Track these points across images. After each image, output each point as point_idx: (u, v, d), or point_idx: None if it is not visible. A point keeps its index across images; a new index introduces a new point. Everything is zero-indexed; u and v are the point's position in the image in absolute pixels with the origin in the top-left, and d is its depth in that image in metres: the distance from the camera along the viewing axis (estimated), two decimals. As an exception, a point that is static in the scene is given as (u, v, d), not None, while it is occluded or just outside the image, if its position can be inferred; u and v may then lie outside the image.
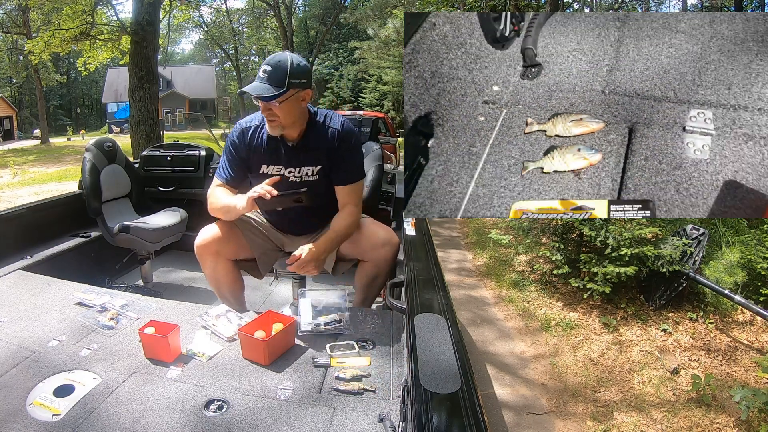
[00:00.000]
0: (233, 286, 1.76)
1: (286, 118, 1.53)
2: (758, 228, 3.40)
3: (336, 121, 1.65)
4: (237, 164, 1.66)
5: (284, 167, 1.64)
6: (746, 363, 2.56)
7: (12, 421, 0.98)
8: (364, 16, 23.40)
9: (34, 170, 11.90)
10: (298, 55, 1.54)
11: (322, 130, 1.62)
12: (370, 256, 1.69)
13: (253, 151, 1.65)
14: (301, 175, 1.65)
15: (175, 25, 19.19)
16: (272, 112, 1.51)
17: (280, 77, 1.46)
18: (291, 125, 1.57)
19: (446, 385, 0.83)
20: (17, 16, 18.51)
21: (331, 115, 1.67)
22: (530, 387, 2.44)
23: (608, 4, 21.00)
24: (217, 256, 1.66)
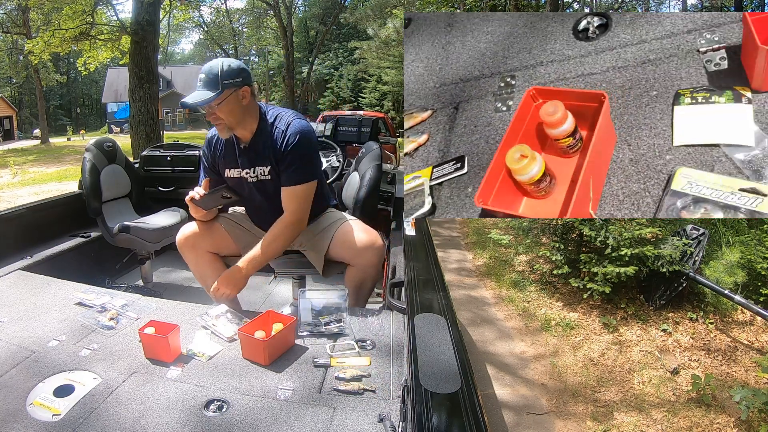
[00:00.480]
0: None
1: (229, 119, 1.56)
2: (758, 228, 3.40)
3: (284, 120, 1.63)
4: (209, 172, 1.77)
5: (241, 169, 1.70)
6: (746, 363, 2.56)
7: (12, 421, 0.98)
8: (364, 16, 23.38)
9: (34, 170, 11.90)
10: (232, 59, 1.60)
11: (270, 129, 1.63)
12: (356, 261, 1.68)
13: (218, 158, 1.74)
14: (256, 175, 1.69)
15: (175, 25, 19.22)
16: (216, 116, 1.55)
17: (213, 80, 1.51)
18: (237, 125, 1.60)
19: (446, 385, 0.83)
20: (17, 16, 18.51)
21: (282, 115, 1.65)
22: (530, 387, 2.44)
23: (608, 4, 21.01)
24: (197, 249, 1.71)
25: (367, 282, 1.71)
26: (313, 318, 1.39)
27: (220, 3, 29.34)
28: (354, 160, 2.35)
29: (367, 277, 1.70)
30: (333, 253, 1.74)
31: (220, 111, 1.54)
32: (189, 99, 1.52)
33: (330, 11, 29.29)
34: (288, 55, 25.14)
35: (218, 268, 1.76)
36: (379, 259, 1.69)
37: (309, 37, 32.91)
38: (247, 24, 34.12)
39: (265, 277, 2.58)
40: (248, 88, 1.57)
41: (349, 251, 1.68)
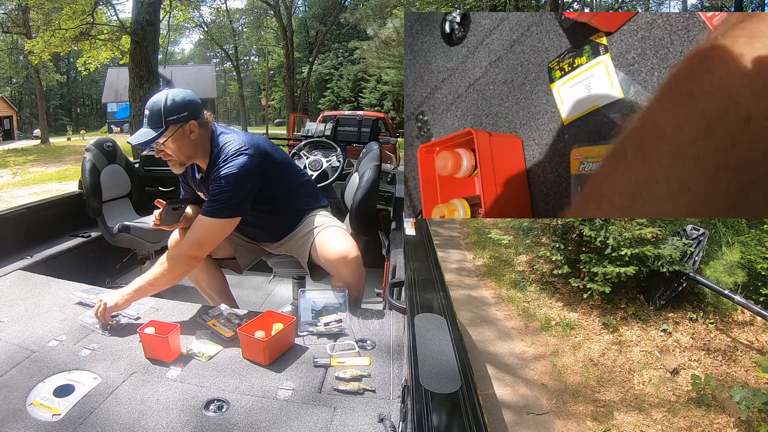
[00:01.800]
0: (213, 283, 1.80)
1: (179, 155, 1.51)
2: (758, 228, 3.40)
3: (224, 154, 1.52)
4: (185, 188, 1.79)
5: (205, 195, 1.66)
6: (746, 363, 2.56)
7: (12, 421, 0.98)
8: (364, 16, 23.40)
9: (34, 170, 11.89)
10: (178, 90, 1.49)
11: (214, 163, 1.55)
12: (333, 272, 1.64)
13: (188, 179, 1.73)
14: None
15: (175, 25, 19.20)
16: (165, 153, 1.50)
17: (157, 118, 1.44)
18: (188, 159, 1.55)
19: (446, 385, 0.83)
20: (17, 16, 18.51)
21: (226, 148, 1.53)
22: (530, 387, 2.44)
23: (608, 5, 21.01)
24: None
25: (351, 291, 1.64)
26: (313, 318, 1.39)
27: (220, 3, 29.36)
28: (356, 161, 2.35)
29: (347, 286, 1.62)
30: (315, 260, 1.71)
31: (167, 148, 1.48)
32: (132, 139, 1.47)
33: (330, 11, 29.30)
34: (288, 55, 25.14)
35: (211, 271, 1.76)
36: (352, 271, 1.60)
37: (309, 37, 32.92)
38: (247, 24, 34.16)
39: (265, 277, 2.58)
40: (195, 122, 1.48)
41: (326, 261, 1.64)
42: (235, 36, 34.19)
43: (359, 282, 1.65)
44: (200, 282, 1.80)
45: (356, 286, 1.65)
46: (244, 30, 35.00)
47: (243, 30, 35.02)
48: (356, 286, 1.65)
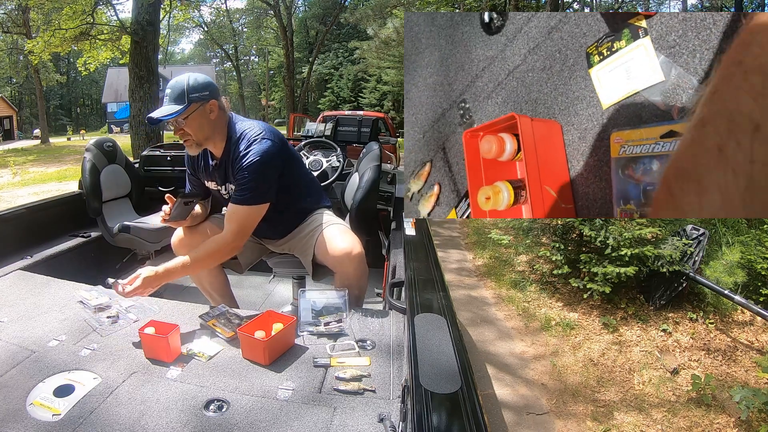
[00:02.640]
0: (214, 282, 1.80)
1: (197, 134, 1.54)
2: (758, 228, 3.40)
3: (246, 140, 1.56)
4: (191, 178, 1.79)
5: (215, 183, 1.71)
6: (746, 363, 2.56)
7: (12, 421, 0.98)
8: (364, 16, 23.40)
9: (34, 170, 11.90)
10: (198, 73, 1.56)
11: (234, 147, 1.59)
12: (337, 268, 1.67)
13: (196, 168, 1.74)
14: (227, 191, 1.69)
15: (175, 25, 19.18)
16: (184, 132, 1.53)
17: (179, 95, 1.49)
18: (206, 140, 1.57)
19: (446, 385, 0.83)
20: (17, 16, 18.51)
21: (246, 133, 1.57)
22: (530, 387, 2.44)
23: (608, 4, 21.01)
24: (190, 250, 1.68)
25: (353, 289, 1.67)
26: (313, 318, 1.39)
27: (220, 3, 29.35)
28: (356, 161, 2.35)
29: (350, 284, 1.65)
30: (318, 258, 1.73)
31: (187, 126, 1.51)
32: (155, 113, 1.49)
33: (330, 11, 29.30)
34: (288, 55, 25.14)
35: (213, 270, 1.77)
36: (356, 267, 1.63)
37: (309, 37, 32.92)
38: (247, 24, 34.16)
39: (265, 277, 2.58)
40: (215, 101, 1.53)
41: (330, 258, 1.66)
42: (235, 36, 34.21)
43: (361, 279, 1.68)
44: (202, 281, 1.80)
45: (358, 284, 1.67)
46: (244, 30, 35.00)
47: (243, 30, 35.03)
48: (358, 284, 1.67)
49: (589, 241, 3.28)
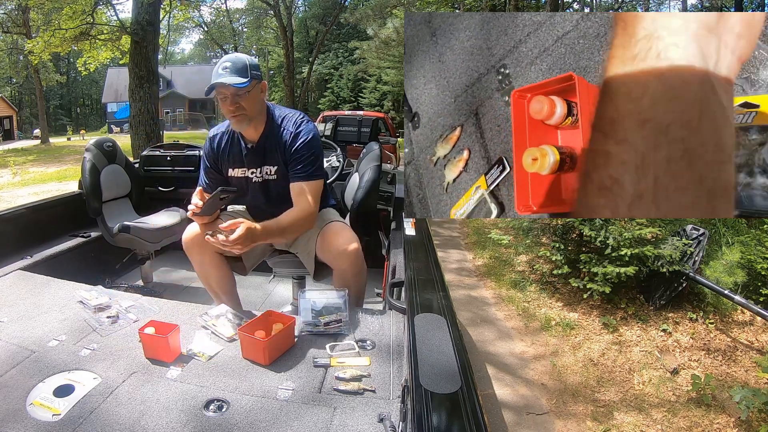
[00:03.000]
0: (222, 281, 1.78)
1: (251, 109, 1.59)
2: (758, 228, 3.40)
3: (292, 121, 1.67)
4: (210, 172, 1.77)
5: (247, 168, 1.71)
6: (746, 363, 2.56)
7: (12, 421, 0.98)
8: (364, 16, 23.40)
9: (34, 170, 11.90)
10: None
11: (278, 129, 1.66)
12: (335, 266, 1.68)
13: (220, 157, 1.74)
14: (262, 174, 1.71)
15: (175, 25, 19.20)
16: (239, 105, 1.56)
17: (243, 69, 1.54)
18: (254, 117, 1.62)
19: (446, 385, 0.83)
20: (17, 16, 18.51)
21: (289, 115, 1.69)
22: (530, 387, 2.44)
23: (608, 4, 21.00)
24: (203, 248, 1.68)
25: (351, 287, 1.67)
26: (313, 318, 1.39)
27: (220, 3, 29.36)
28: (356, 161, 2.35)
29: (347, 282, 1.66)
30: (320, 255, 1.74)
31: (246, 99, 1.55)
32: (224, 79, 1.51)
33: (330, 11, 29.28)
34: (288, 55, 25.15)
35: (222, 269, 1.76)
36: (352, 263, 1.65)
37: (309, 37, 32.91)
38: (247, 24, 34.14)
39: (265, 277, 2.58)
40: (265, 83, 1.62)
41: (329, 254, 1.68)
42: (235, 36, 34.19)
43: (358, 277, 1.68)
44: (210, 280, 1.78)
45: (356, 281, 1.68)
46: (244, 30, 34.99)
47: (243, 30, 35.02)
48: (356, 281, 1.68)
49: (589, 241, 3.28)
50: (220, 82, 1.51)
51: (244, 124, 1.61)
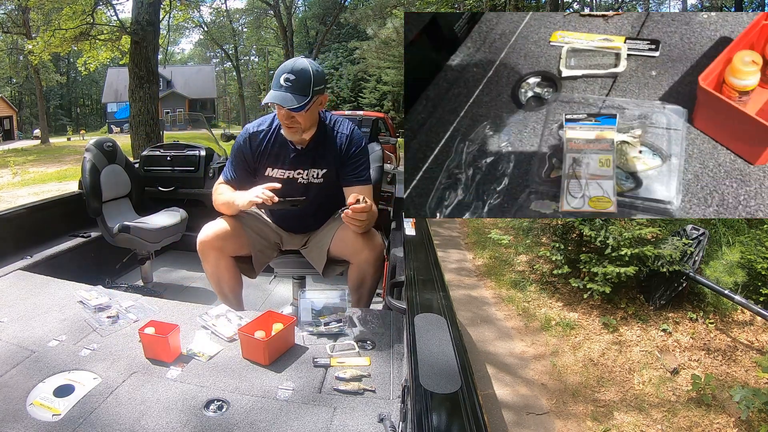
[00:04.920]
0: (234, 284, 1.77)
1: (307, 123, 1.58)
2: (758, 228, 3.40)
3: (345, 126, 1.70)
4: (241, 167, 1.72)
5: (292, 170, 1.69)
6: (746, 363, 2.56)
7: (12, 421, 0.98)
8: (364, 16, 23.41)
9: (34, 170, 11.90)
10: (313, 61, 1.57)
11: (332, 134, 1.67)
12: (355, 260, 1.69)
13: (259, 155, 1.70)
14: (308, 177, 1.70)
15: (175, 25, 19.19)
16: (294, 120, 1.55)
17: (305, 86, 1.50)
18: (309, 129, 1.62)
19: (446, 385, 0.83)
20: (17, 16, 18.51)
21: (341, 121, 1.71)
22: (530, 387, 2.44)
23: (608, 4, 21.00)
24: (221, 252, 1.67)
25: (367, 280, 1.71)
26: (313, 318, 1.39)
27: (220, 3, 29.37)
28: None
29: (365, 275, 1.70)
30: (334, 251, 1.74)
31: (303, 116, 1.54)
32: (282, 102, 1.47)
33: (330, 11, 29.29)
34: (288, 55, 25.14)
35: (235, 272, 1.75)
36: (377, 257, 1.68)
37: (309, 37, 32.91)
38: (247, 24, 34.14)
39: (265, 277, 2.58)
40: (326, 95, 1.60)
41: (349, 248, 1.68)
42: (235, 36, 34.20)
43: (377, 273, 1.71)
44: (222, 283, 1.76)
45: (374, 276, 1.71)
46: (244, 30, 34.99)
47: (243, 30, 35.01)
48: (374, 276, 1.71)
49: (589, 241, 3.28)
50: (272, 101, 1.48)
51: (297, 135, 1.60)
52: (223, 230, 1.66)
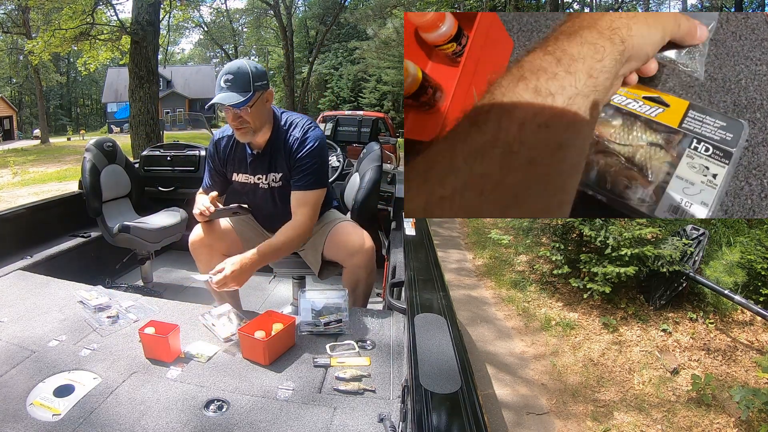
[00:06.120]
0: None
1: (255, 122, 1.55)
2: (758, 228, 3.40)
3: (299, 127, 1.63)
4: (214, 174, 1.76)
5: (252, 174, 1.69)
6: (746, 363, 2.56)
7: (12, 421, 0.98)
8: (364, 16, 23.42)
9: (34, 170, 11.90)
10: (253, 61, 1.60)
11: (284, 136, 1.63)
12: (348, 263, 1.68)
13: (225, 161, 1.72)
14: (268, 181, 1.69)
15: (175, 25, 19.20)
16: (242, 119, 1.53)
17: (245, 82, 1.49)
18: (260, 129, 1.59)
19: (446, 385, 0.83)
20: (17, 16, 18.52)
21: (296, 121, 1.65)
22: (530, 387, 2.44)
23: (608, 4, 21.00)
24: (211, 250, 1.68)
25: (361, 284, 1.70)
26: (313, 318, 1.39)
27: (220, 3, 29.38)
28: (356, 161, 2.35)
29: (359, 278, 1.68)
30: (327, 253, 1.74)
31: (249, 114, 1.52)
32: (223, 100, 1.47)
33: (330, 11, 29.28)
34: (288, 55, 25.16)
35: None
36: (367, 262, 1.66)
37: (309, 37, 32.89)
38: (247, 24, 34.16)
39: (265, 277, 2.58)
40: (272, 90, 1.58)
41: (341, 252, 1.69)
42: (235, 36, 34.22)
43: (371, 275, 1.70)
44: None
45: (367, 279, 1.69)
46: (244, 30, 35.01)
47: (243, 30, 35.03)
48: (367, 279, 1.69)
49: (589, 241, 3.28)
50: (219, 103, 1.48)
51: (248, 136, 1.58)
52: (212, 229, 1.70)
